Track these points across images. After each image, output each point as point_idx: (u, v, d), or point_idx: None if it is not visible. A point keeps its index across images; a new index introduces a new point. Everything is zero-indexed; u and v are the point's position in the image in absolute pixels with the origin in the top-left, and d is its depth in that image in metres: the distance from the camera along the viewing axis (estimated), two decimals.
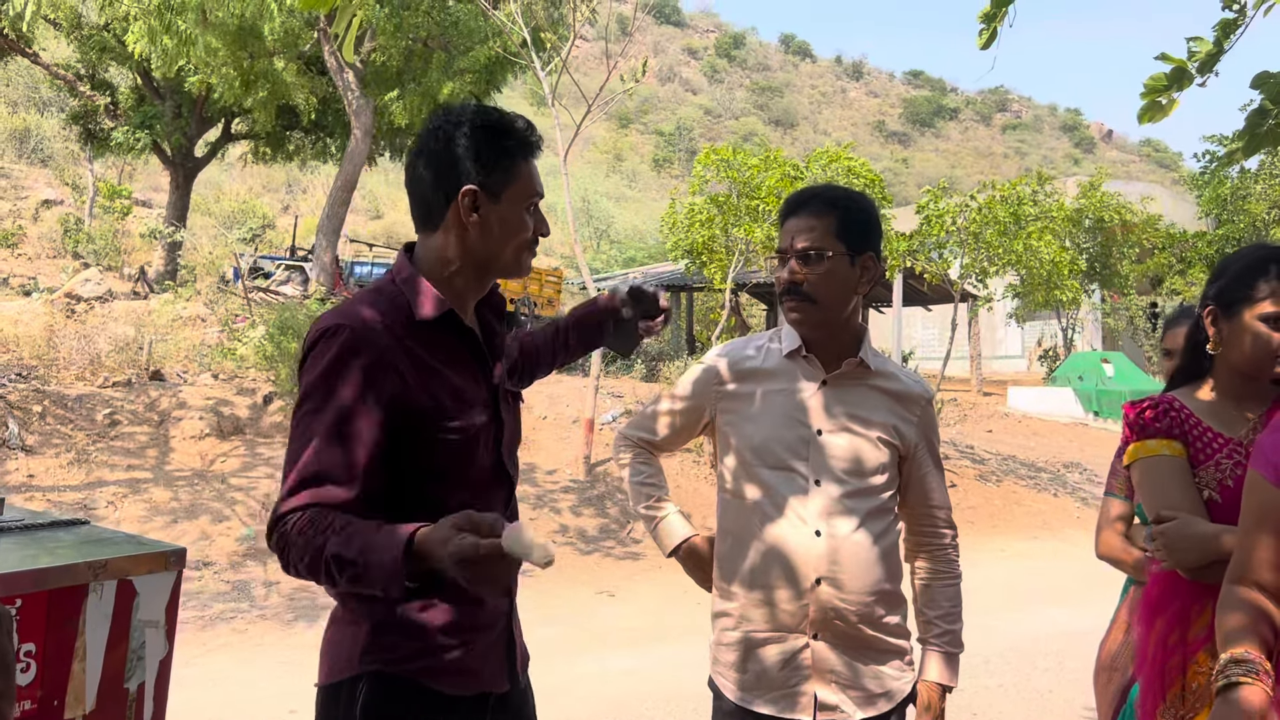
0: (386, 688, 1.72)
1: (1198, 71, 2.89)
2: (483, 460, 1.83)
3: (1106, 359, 21.20)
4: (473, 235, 1.79)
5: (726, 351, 2.30)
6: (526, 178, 1.82)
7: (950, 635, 2.22)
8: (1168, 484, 2.02)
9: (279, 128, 21.21)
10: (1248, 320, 2.02)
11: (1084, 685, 5.59)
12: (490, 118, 1.81)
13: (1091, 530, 10.34)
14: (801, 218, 2.15)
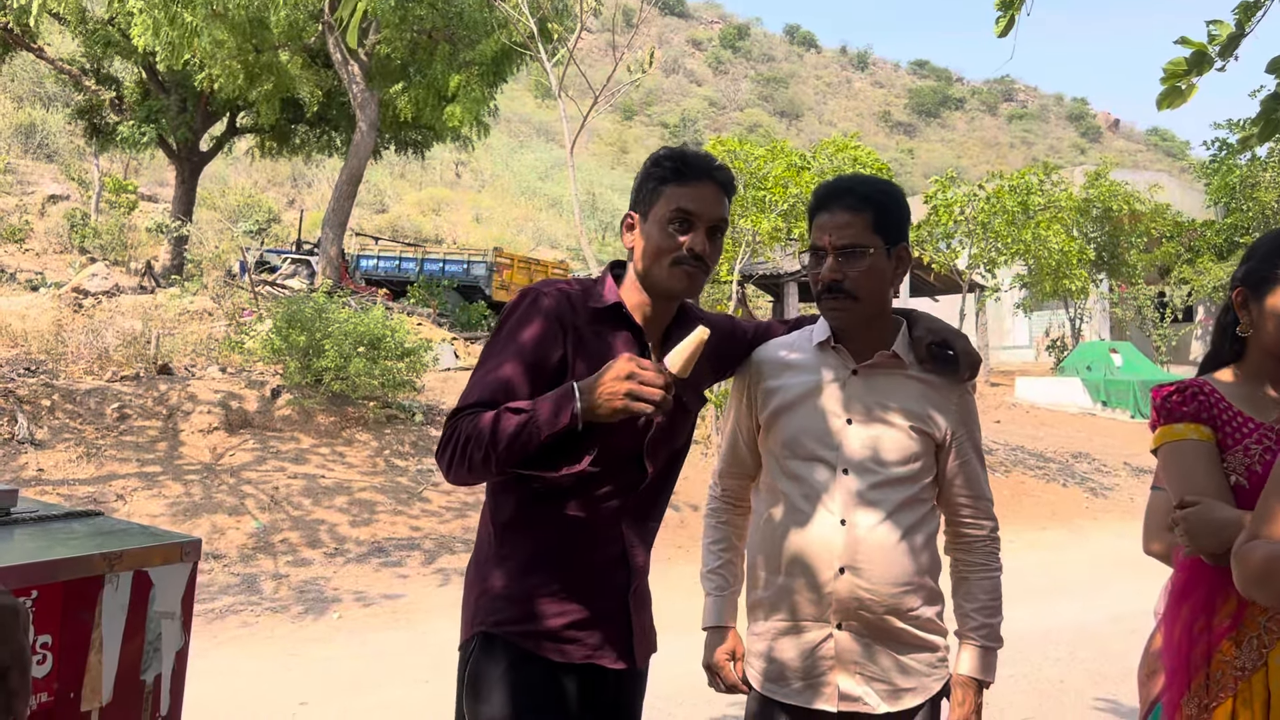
0: (491, 648, 1.93)
1: (1218, 55, 2.85)
2: (621, 441, 2.00)
3: (1114, 349, 21.12)
4: (635, 253, 2.05)
5: (762, 348, 2.29)
6: (671, 196, 2.00)
7: (988, 629, 2.18)
8: (1193, 468, 2.00)
9: (284, 121, 21.20)
10: (1277, 302, 2.00)
11: (1096, 676, 5.59)
12: (663, 152, 2.07)
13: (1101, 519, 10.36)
14: (836, 213, 2.11)
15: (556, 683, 1.92)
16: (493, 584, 1.96)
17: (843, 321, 2.14)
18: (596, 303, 2.02)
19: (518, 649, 1.91)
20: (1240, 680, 1.88)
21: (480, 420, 1.86)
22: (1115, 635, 6.24)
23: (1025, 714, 4.98)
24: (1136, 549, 2.71)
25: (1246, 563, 1.64)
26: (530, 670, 1.91)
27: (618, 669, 2.01)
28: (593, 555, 1.99)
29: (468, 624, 1.99)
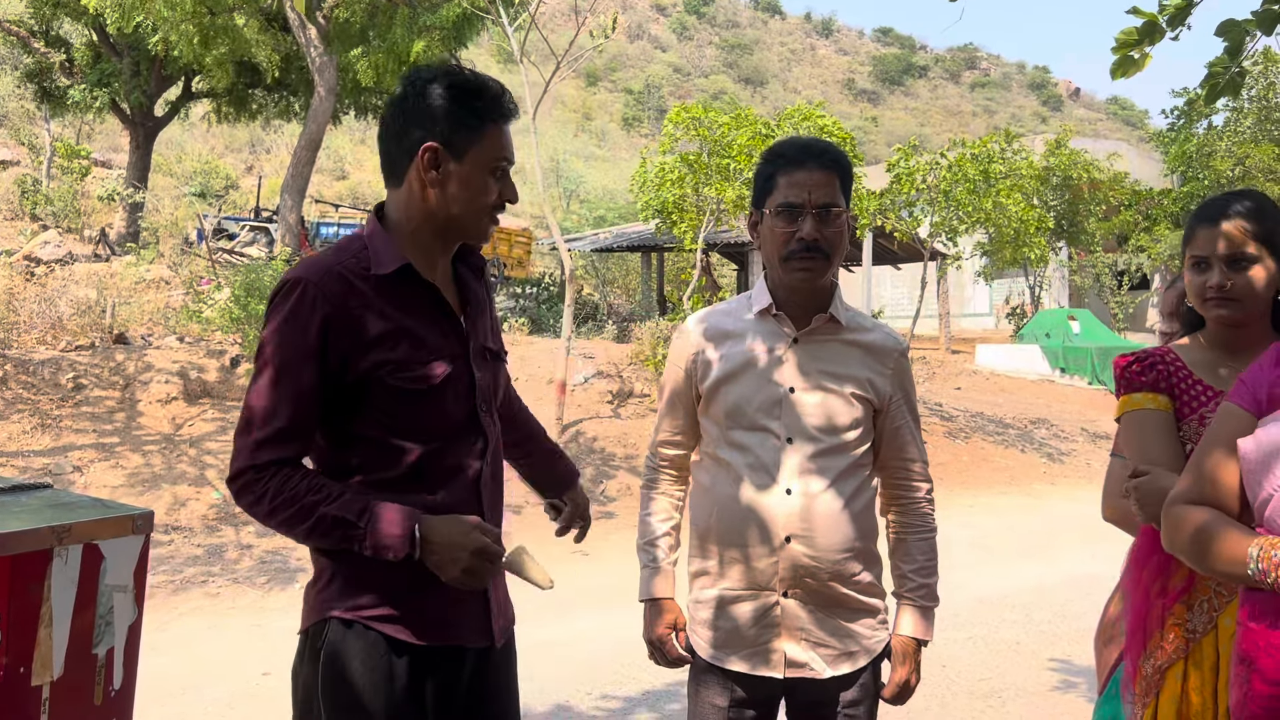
0: (348, 633, 1.79)
1: (1168, 25, 2.87)
2: (453, 412, 1.87)
3: (1073, 316, 21.38)
4: (432, 193, 1.82)
5: (700, 317, 2.28)
6: (493, 141, 1.83)
7: (925, 589, 2.22)
8: (1148, 438, 2.03)
9: (241, 86, 20.79)
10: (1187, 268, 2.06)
11: (1051, 637, 5.71)
12: (462, 78, 1.83)
13: (1058, 484, 10.55)
14: (814, 171, 2.10)
15: (417, 666, 1.83)
16: (344, 566, 1.81)
17: (809, 283, 2.12)
18: (379, 270, 1.81)
19: (375, 633, 1.80)
20: (1192, 642, 1.92)
21: (297, 494, 1.72)
22: (1070, 598, 6.36)
23: (981, 675, 5.07)
24: (1092, 514, 2.76)
25: (1176, 529, 1.67)
26: (390, 655, 1.80)
27: (477, 648, 1.93)
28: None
29: (317, 608, 1.84)
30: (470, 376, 1.91)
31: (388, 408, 1.81)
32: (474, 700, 1.94)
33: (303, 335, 1.74)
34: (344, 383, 1.78)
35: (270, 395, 1.74)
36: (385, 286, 1.81)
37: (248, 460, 1.73)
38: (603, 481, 9.71)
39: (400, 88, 1.86)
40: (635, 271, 27.12)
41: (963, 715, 4.54)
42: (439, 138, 1.79)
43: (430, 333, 1.85)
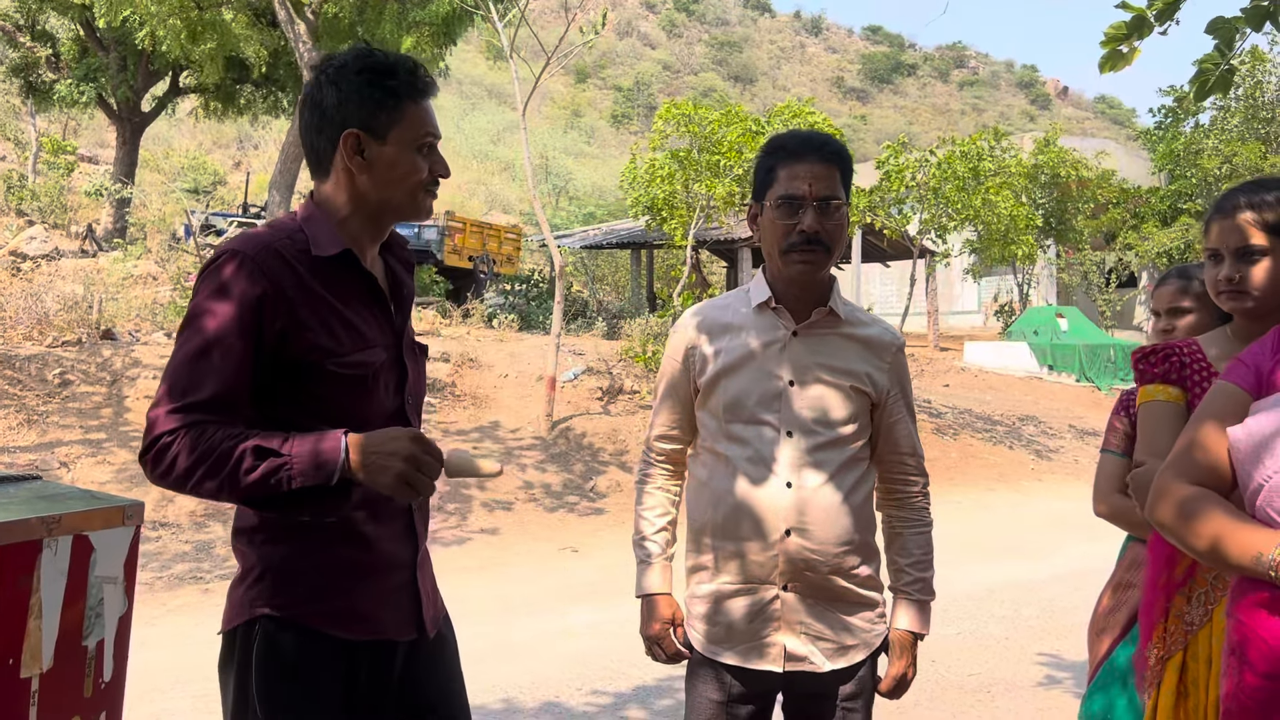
0: (278, 631, 1.74)
1: (1157, 19, 2.89)
2: (383, 402, 1.85)
3: (1061, 314, 21.47)
4: (361, 178, 1.80)
5: (698, 311, 2.28)
6: (414, 118, 1.81)
7: (922, 583, 2.22)
8: (1155, 429, 2.04)
9: (229, 81, 20.70)
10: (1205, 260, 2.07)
11: (1039, 632, 5.73)
12: (371, 60, 1.80)
13: (1046, 481, 10.61)
14: (815, 164, 2.09)
15: (348, 662, 1.79)
16: (272, 562, 1.76)
17: (810, 276, 2.12)
18: (320, 252, 1.77)
19: (308, 631, 1.75)
20: (1190, 634, 1.93)
21: (214, 443, 1.61)
22: (1058, 593, 6.39)
23: (970, 670, 5.09)
24: (1080, 510, 2.76)
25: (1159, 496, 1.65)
26: (321, 652, 1.76)
27: (408, 640, 1.90)
28: (378, 525, 1.84)
29: (244, 606, 1.77)
30: (401, 369, 1.90)
31: (322, 394, 1.76)
32: (406, 692, 1.91)
33: (236, 307, 1.67)
34: (279, 363, 1.72)
35: (196, 366, 1.65)
36: (322, 270, 1.77)
37: (162, 428, 1.63)
38: (592, 478, 9.71)
39: (312, 77, 1.83)
40: (625, 268, 27.12)
41: (952, 710, 4.56)
42: (358, 123, 1.77)
43: (366, 322, 1.82)
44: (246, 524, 1.81)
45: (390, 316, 1.89)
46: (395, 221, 1.89)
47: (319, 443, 1.63)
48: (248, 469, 1.60)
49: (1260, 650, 1.48)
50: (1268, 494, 1.49)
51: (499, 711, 4.33)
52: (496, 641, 5.38)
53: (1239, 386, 1.64)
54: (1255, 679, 1.49)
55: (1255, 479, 1.51)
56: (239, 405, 1.68)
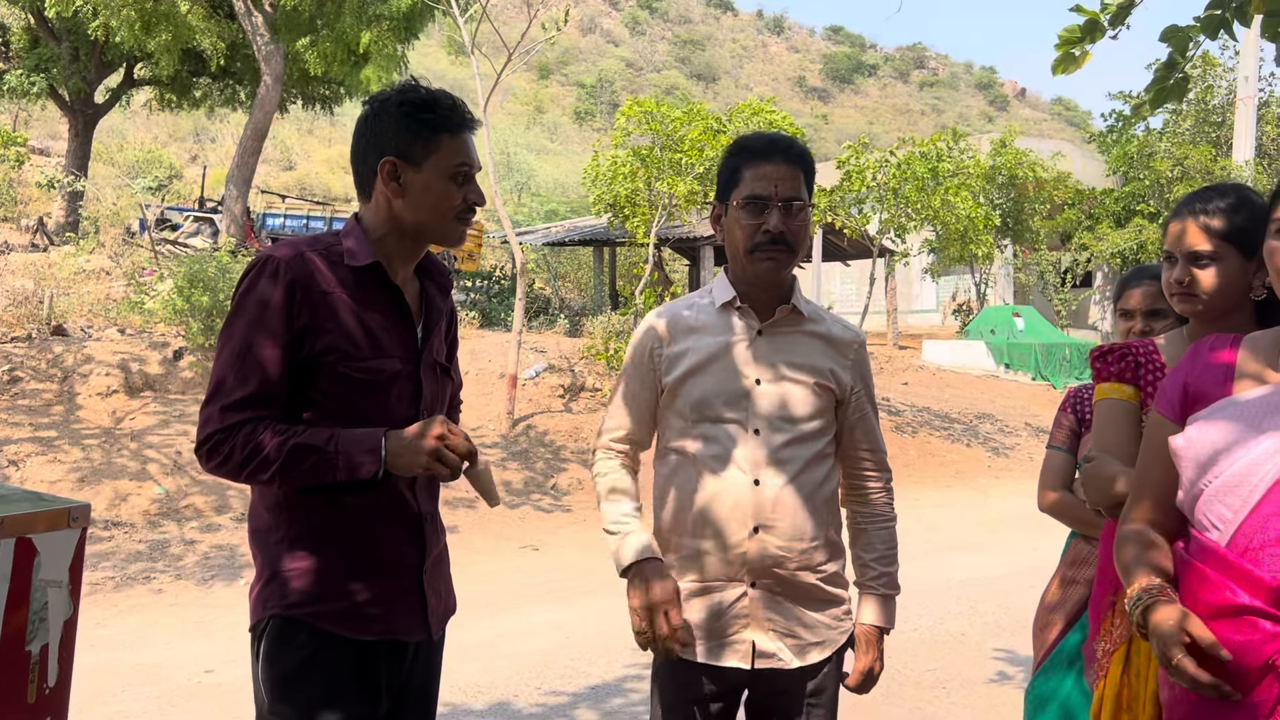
0: (284, 630, 1.86)
1: (1110, 23, 2.93)
2: (397, 411, 1.95)
3: (1018, 313, 21.74)
4: (396, 203, 1.94)
5: (661, 312, 2.27)
6: (450, 149, 1.94)
7: (887, 578, 2.24)
8: (1107, 426, 2.08)
9: (185, 73, 20.39)
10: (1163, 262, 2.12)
11: (994, 628, 5.79)
12: (415, 95, 1.95)
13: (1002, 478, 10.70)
14: (780, 164, 2.11)
15: (357, 661, 1.89)
16: (282, 563, 1.88)
17: (774, 275, 2.14)
18: (352, 261, 1.92)
19: (315, 630, 1.86)
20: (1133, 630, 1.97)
21: (263, 442, 1.79)
22: (1014, 589, 6.47)
23: (928, 666, 5.14)
24: (1035, 506, 2.81)
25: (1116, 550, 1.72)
26: (330, 651, 1.86)
27: (416, 641, 2.00)
28: (385, 530, 1.94)
29: (259, 605, 1.90)
30: (417, 383, 1.99)
31: (332, 394, 1.88)
32: (401, 692, 2.01)
33: (268, 304, 1.83)
34: (297, 358, 1.85)
35: (237, 363, 1.82)
36: (352, 279, 1.91)
37: (216, 424, 1.81)
38: (554, 476, 9.69)
39: (361, 112, 1.99)
40: (587, 266, 27.07)
41: (909, 706, 4.60)
42: (395, 152, 1.92)
43: (386, 332, 1.94)
44: (258, 525, 1.95)
45: (414, 332, 2.00)
46: (428, 244, 2.03)
47: (362, 444, 1.81)
48: (295, 466, 1.79)
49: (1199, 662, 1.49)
50: (1206, 500, 1.52)
51: (445, 714, 4.29)
52: (452, 641, 5.33)
53: (1166, 417, 1.69)
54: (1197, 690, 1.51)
55: (1196, 485, 1.54)
56: (279, 397, 1.85)
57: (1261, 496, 1.46)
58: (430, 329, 2.05)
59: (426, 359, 2.03)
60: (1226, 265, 1.99)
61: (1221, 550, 1.49)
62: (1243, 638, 1.44)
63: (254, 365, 1.82)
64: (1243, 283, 2.00)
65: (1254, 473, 1.47)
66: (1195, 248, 2.00)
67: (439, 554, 2.09)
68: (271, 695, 1.85)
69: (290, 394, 1.87)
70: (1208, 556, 1.50)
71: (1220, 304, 2.01)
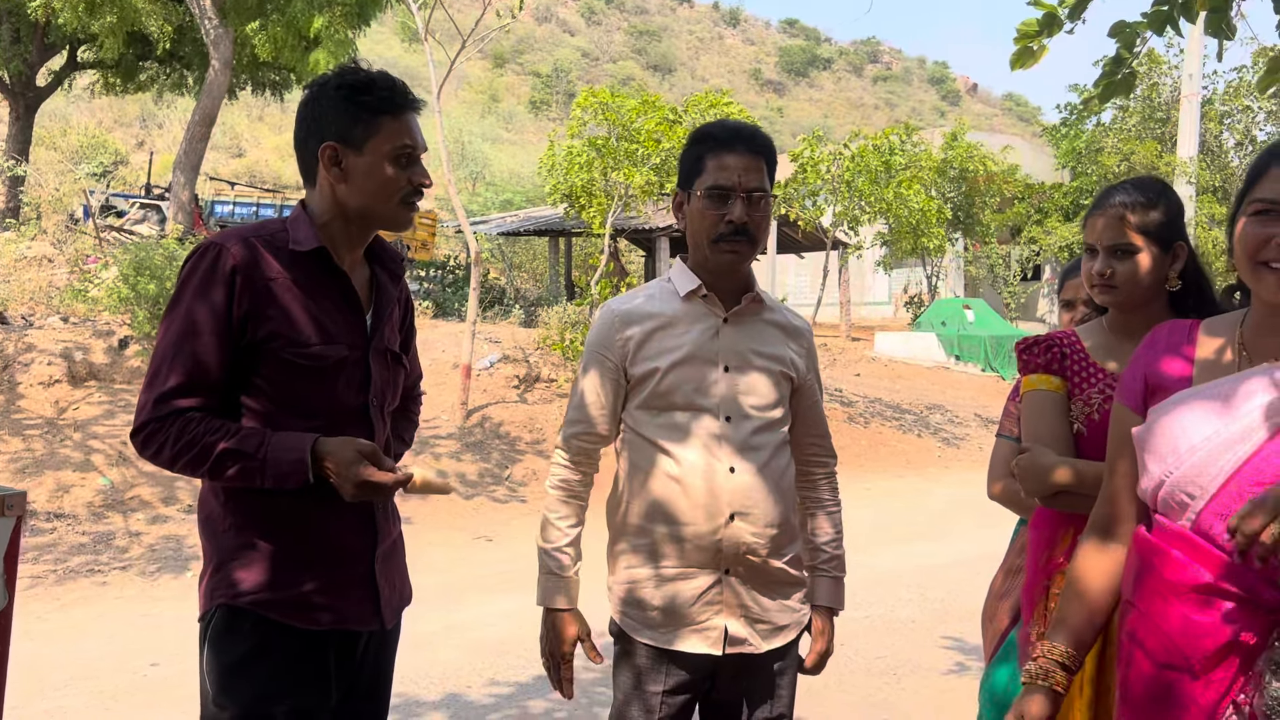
0: (232, 620, 1.84)
1: (1068, 17, 2.97)
2: (345, 398, 1.93)
3: (968, 305, 22.00)
4: (340, 187, 1.92)
5: (620, 301, 2.25)
6: (391, 130, 1.91)
7: (837, 560, 2.30)
8: (1036, 417, 2.11)
9: (130, 57, 19.92)
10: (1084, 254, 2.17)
11: (944, 615, 5.88)
12: (352, 76, 1.93)
13: (952, 468, 10.85)
14: (744, 155, 2.12)
15: (307, 652, 1.86)
16: (230, 553, 1.86)
17: (737, 266, 2.16)
18: (296, 247, 1.90)
19: (262, 620, 1.84)
20: None
21: (194, 439, 1.78)
22: (963, 577, 6.56)
23: (879, 653, 5.20)
24: (985, 496, 2.85)
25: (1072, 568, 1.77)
26: (277, 642, 1.84)
27: (368, 630, 1.98)
28: (335, 519, 1.91)
29: (207, 596, 1.88)
30: (366, 370, 1.97)
31: (277, 381, 1.86)
32: (353, 683, 1.99)
33: (209, 291, 1.81)
34: (240, 345, 1.83)
35: (175, 350, 1.81)
36: (298, 264, 1.89)
37: (150, 414, 1.80)
38: (508, 466, 9.65)
39: (302, 97, 1.98)
40: (543, 256, 26.96)
41: (861, 692, 4.65)
42: (335, 136, 1.90)
43: (333, 318, 1.92)
44: (208, 514, 1.92)
45: (362, 319, 1.98)
46: (375, 229, 2.01)
47: (290, 454, 1.78)
48: (223, 470, 1.79)
49: (1158, 640, 1.52)
50: (1169, 488, 1.55)
51: (395, 705, 4.26)
52: (404, 631, 5.30)
53: (1129, 408, 1.72)
54: (1152, 668, 1.53)
55: (1156, 475, 1.57)
56: (217, 387, 1.83)
57: (1223, 483, 1.49)
58: (380, 315, 2.03)
59: (376, 345, 2.00)
60: (1145, 257, 2.05)
61: (1186, 532, 1.52)
62: (1205, 618, 1.47)
63: (191, 354, 1.80)
64: (1160, 274, 2.06)
65: (1215, 460, 1.50)
66: (1116, 240, 2.05)
67: (392, 543, 2.06)
68: (216, 687, 1.83)
69: (233, 381, 1.85)
70: (1173, 538, 1.53)
71: (1139, 295, 2.07)
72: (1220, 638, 1.45)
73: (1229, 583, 1.46)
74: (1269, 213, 1.53)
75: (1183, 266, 2.07)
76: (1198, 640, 1.47)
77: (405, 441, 2.28)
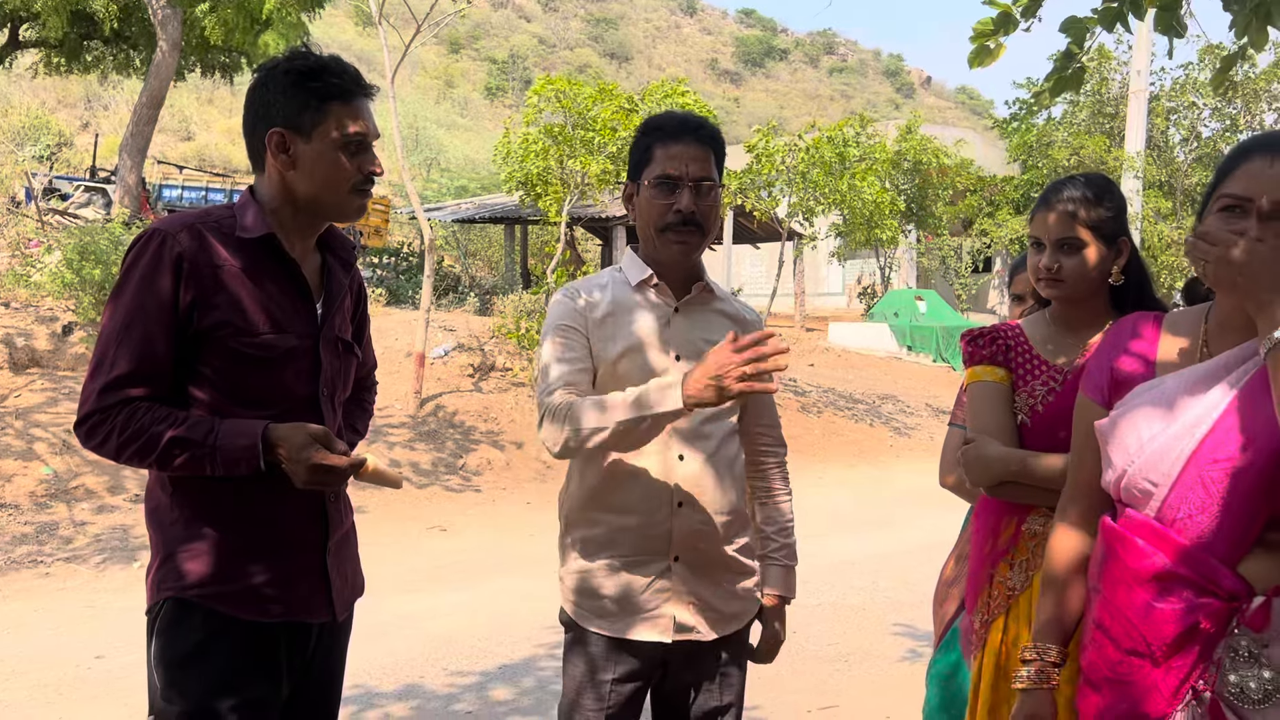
0: (180, 612, 1.81)
1: (1022, 15, 3.01)
2: (294, 388, 1.91)
3: (920, 296, 22.27)
4: (288, 175, 1.88)
5: (575, 287, 2.23)
6: (340, 117, 1.87)
7: (788, 549, 2.33)
8: (982, 408, 2.15)
9: (75, 36, 19.44)
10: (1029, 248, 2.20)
11: (895, 603, 5.95)
12: (302, 61, 1.88)
13: (904, 457, 11.00)
14: (691, 145, 2.13)
15: (257, 644, 1.84)
16: (178, 544, 1.83)
17: (686, 256, 2.16)
18: (245, 234, 1.86)
19: (211, 612, 1.81)
20: (1012, 599, 2.06)
21: (142, 428, 1.75)
22: (913, 564, 6.65)
23: (830, 640, 5.26)
24: (935, 485, 2.88)
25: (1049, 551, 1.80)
26: (226, 634, 1.81)
27: (320, 622, 1.96)
28: (286, 508, 1.89)
29: (154, 587, 1.85)
30: (316, 359, 1.94)
31: (224, 371, 1.83)
32: (304, 675, 1.96)
33: (154, 280, 1.78)
34: (187, 334, 1.80)
35: (120, 338, 1.77)
36: (246, 251, 1.86)
37: (94, 404, 1.77)
38: (463, 456, 9.60)
39: (251, 81, 1.93)
40: (498, 244, 26.79)
41: (812, 679, 4.69)
42: (283, 122, 1.86)
43: (281, 307, 1.89)
44: (155, 504, 1.88)
45: (313, 307, 1.95)
46: (326, 218, 1.97)
47: (241, 439, 1.76)
48: (172, 458, 1.76)
49: (1122, 626, 1.55)
50: (1131, 477, 1.58)
51: (353, 696, 4.24)
52: (358, 623, 5.26)
53: (1094, 401, 1.75)
54: (1117, 653, 1.56)
55: (1119, 467, 1.60)
56: (164, 376, 1.80)
57: (1182, 468, 1.52)
58: (331, 304, 2.00)
59: (327, 335, 1.98)
60: (1092, 252, 2.09)
61: (1150, 521, 1.55)
62: (1167, 605, 1.50)
63: (136, 342, 1.77)
64: (1105, 269, 2.10)
65: (1174, 447, 1.53)
66: (1064, 235, 2.08)
67: (345, 533, 2.04)
68: (164, 680, 1.80)
69: (180, 371, 1.82)
70: (1136, 527, 1.57)
71: (1084, 289, 2.11)
72: (1181, 625, 1.49)
73: (1189, 570, 1.49)
74: (1236, 209, 1.55)
75: (1125, 262, 2.11)
76: (1159, 627, 1.50)
77: (359, 431, 2.26)
